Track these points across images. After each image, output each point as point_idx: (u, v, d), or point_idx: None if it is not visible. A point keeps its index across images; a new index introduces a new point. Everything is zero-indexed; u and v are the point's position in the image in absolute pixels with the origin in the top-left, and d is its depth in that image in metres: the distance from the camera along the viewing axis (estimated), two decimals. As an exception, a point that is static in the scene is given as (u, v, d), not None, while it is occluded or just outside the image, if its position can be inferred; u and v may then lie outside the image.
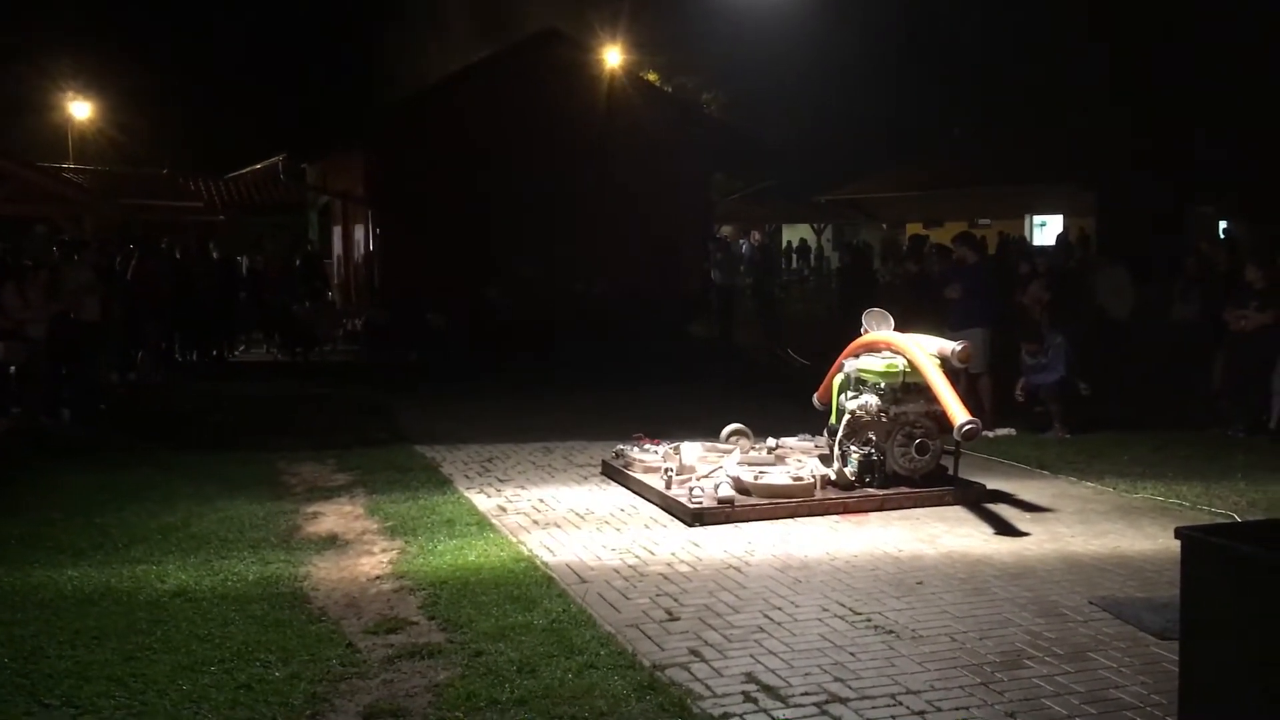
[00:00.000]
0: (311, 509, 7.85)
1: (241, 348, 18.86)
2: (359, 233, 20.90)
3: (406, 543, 6.88)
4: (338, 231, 23.02)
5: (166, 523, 7.35)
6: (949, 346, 8.06)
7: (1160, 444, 9.86)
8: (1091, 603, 5.69)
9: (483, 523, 7.38)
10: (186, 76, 33.82)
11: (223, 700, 4.50)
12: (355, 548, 6.84)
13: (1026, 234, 27.00)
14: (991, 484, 8.24)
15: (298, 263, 19.45)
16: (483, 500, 8.08)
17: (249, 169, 29.75)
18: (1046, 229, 28.45)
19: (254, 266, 19.53)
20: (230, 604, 5.70)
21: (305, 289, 18.91)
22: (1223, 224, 22.68)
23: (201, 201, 27.79)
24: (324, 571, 6.34)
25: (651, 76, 28.84)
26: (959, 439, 7.59)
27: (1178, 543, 3.36)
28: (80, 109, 33.91)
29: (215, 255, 18.65)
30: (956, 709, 4.39)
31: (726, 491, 7.57)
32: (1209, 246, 14.18)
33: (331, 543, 6.95)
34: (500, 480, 8.79)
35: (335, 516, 7.64)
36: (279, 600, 5.79)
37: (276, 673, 4.78)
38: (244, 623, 5.42)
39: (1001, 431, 10.45)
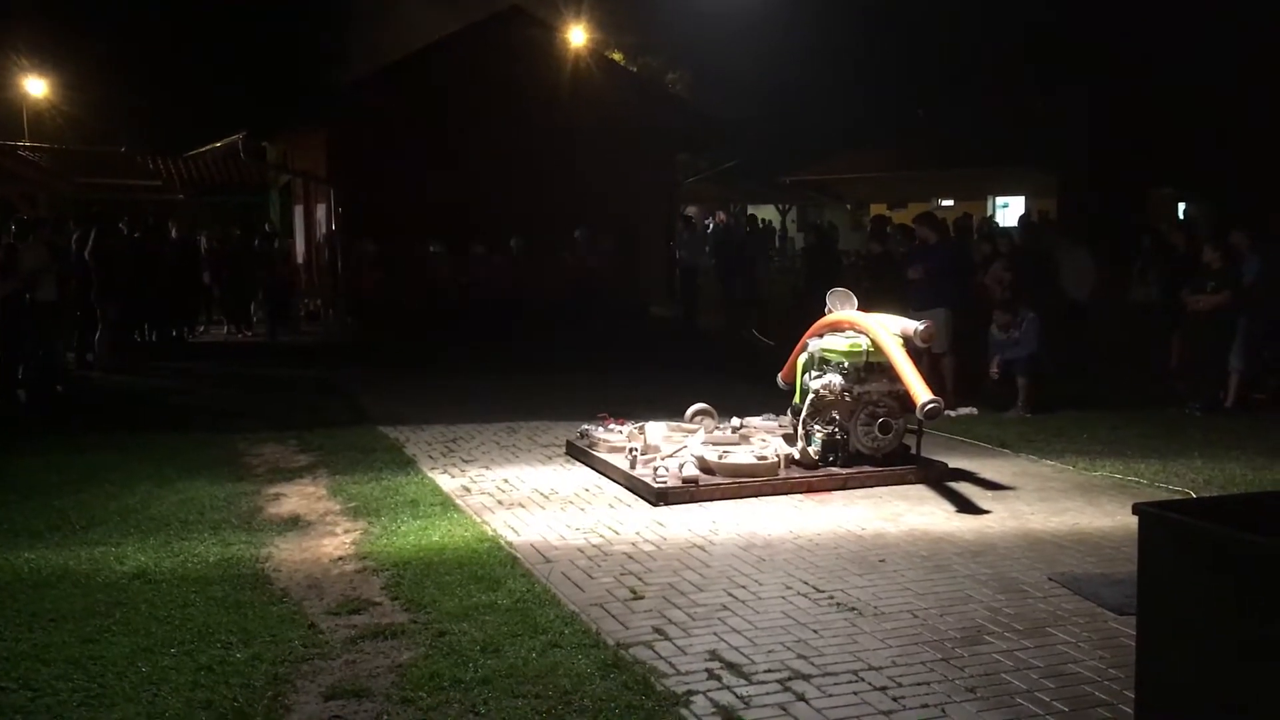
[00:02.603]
0: (273, 490, 7.78)
1: (202, 328, 18.66)
2: (321, 212, 20.70)
3: (370, 523, 6.84)
4: (299, 211, 22.78)
5: (125, 504, 7.27)
6: (912, 326, 8.10)
7: (1119, 423, 9.98)
8: (1051, 579, 5.75)
9: (447, 503, 7.35)
10: (144, 53, 33.25)
11: (183, 682, 4.46)
12: (318, 529, 6.80)
13: (989, 215, 27.21)
14: (954, 463, 8.32)
15: (256, 242, 19.23)
16: (447, 481, 8.04)
17: (208, 147, 29.32)
18: (1009, 210, 28.68)
19: (214, 246, 19.28)
20: (190, 586, 5.64)
21: (264, 269, 18.71)
22: (1181, 205, 22.94)
23: (160, 180, 27.39)
24: (286, 553, 6.29)
25: (616, 56, 28.70)
26: (921, 418, 7.64)
27: (1135, 519, 3.39)
28: (35, 86, 33.29)
29: (174, 234, 18.41)
30: (918, 684, 4.43)
31: (691, 471, 7.59)
32: (1168, 228, 14.35)
33: (294, 524, 6.90)
34: (464, 461, 8.75)
35: (297, 498, 7.58)
36: (240, 582, 5.74)
37: (237, 654, 4.75)
38: (204, 604, 5.37)
39: (963, 410, 10.52)
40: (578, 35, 20.68)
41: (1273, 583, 2.92)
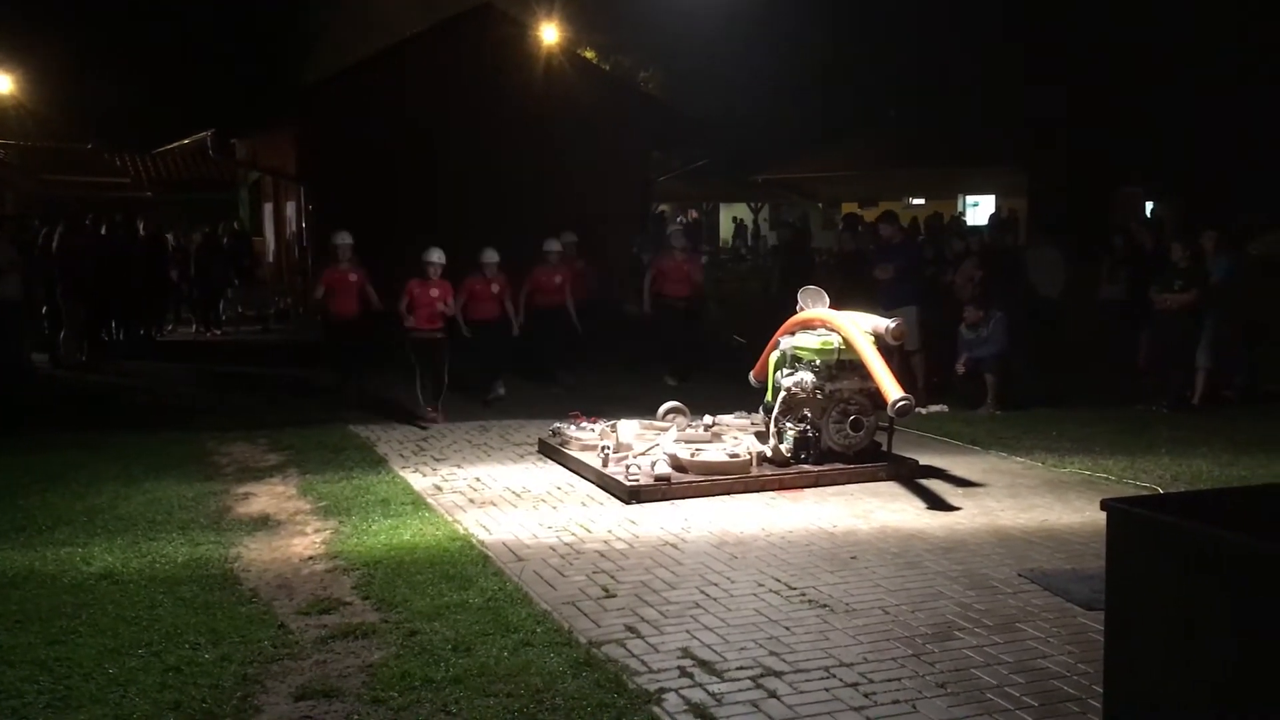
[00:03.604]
0: (242, 489, 7.72)
1: (170, 326, 18.48)
2: (290, 210, 20.56)
3: (340, 523, 6.80)
4: (269, 208, 22.62)
5: (92, 504, 7.20)
6: (883, 324, 8.13)
7: (1088, 420, 10.06)
8: (1020, 575, 5.79)
9: (418, 502, 7.32)
10: (111, 49, 32.90)
11: (150, 683, 4.42)
12: (287, 528, 6.75)
13: (960, 213, 27.36)
14: (924, 460, 8.36)
15: (225, 240, 19.08)
16: (418, 479, 8.01)
17: (177, 144, 29.07)
18: (979, 209, 28.84)
19: (182, 244, 19.11)
20: (158, 586, 5.59)
21: (234, 267, 18.58)
22: (1149, 204, 23.13)
23: (128, 178, 27.14)
24: (255, 553, 6.24)
25: (589, 54, 28.63)
26: (892, 415, 7.68)
27: (1104, 516, 3.41)
28: (0, 83, 32.88)
29: (142, 232, 18.23)
30: (889, 680, 4.45)
31: (663, 469, 7.59)
32: (1136, 227, 14.46)
33: (263, 523, 6.85)
34: (436, 459, 8.72)
35: (267, 497, 7.53)
36: (209, 582, 5.69)
37: (206, 655, 4.71)
38: (172, 605, 5.32)
39: (934, 408, 10.59)
40: (550, 33, 20.60)
41: (1238, 577, 2.95)
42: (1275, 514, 3.43)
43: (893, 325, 8.10)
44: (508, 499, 7.48)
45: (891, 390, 7.51)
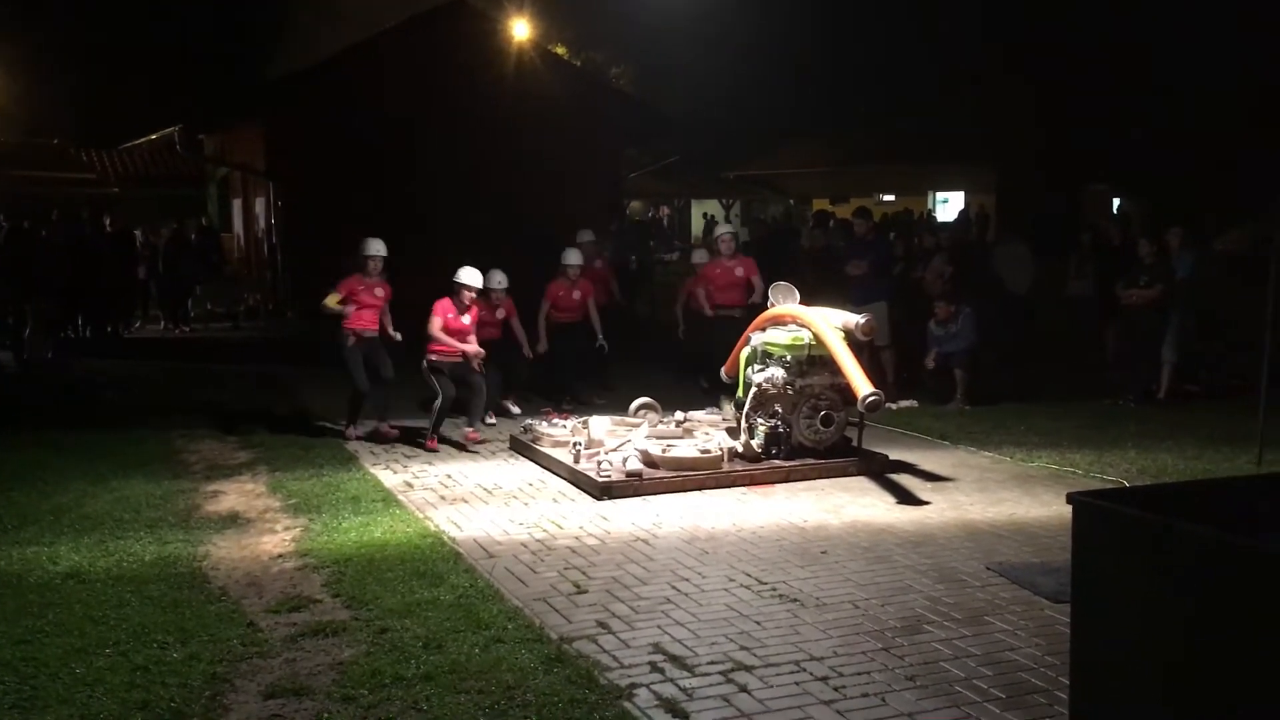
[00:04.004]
0: (211, 487, 7.67)
1: (138, 323, 18.32)
2: (259, 206, 20.41)
3: (310, 520, 6.77)
4: (237, 205, 22.45)
5: (58, 503, 7.13)
6: (853, 319, 8.17)
7: (1056, 414, 10.15)
8: (989, 568, 5.84)
9: (388, 499, 7.30)
10: (75, 44, 32.52)
11: (118, 683, 4.39)
12: (257, 526, 6.71)
13: (930, 209, 27.51)
14: (894, 455, 8.40)
15: (193, 237, 18.91)
16: (388, 476, 7.98)
17: (144, 139, 28.76)
18: (948, 205, 29.00)
19: (149, 240, 18.93)
20: (126, 585, 5.54)
21: (202, 264, 18.43)
22: (1117, 201, 23.35)
23: (94, 173, 26.85)
24: (224, 551, 6.20)
25: (560, 50, 28.59)
26: (863, 410, 7.72)
27: (1070, 509, 3.45)
28: (-37, 77, 32.45)
29: (109, 228, 18.05)
30: (859, 674, 4.48)
31: (634, 465, 7.60)
32: (1104, 224, 14.60)
33: (232, 521, 6.81)
34: (406, 456, 8.69)
35: (236, 495, 7.48)
36: (177, 580, 5.65)
37: (174, 654, 4.67)
38: (140, 604, 5.28)
39: (904, 403, 10.65)
40: (521, 29, 20.55)
41: (1202, 570, 2.99)
42: (1238, 507, 3.48)
43: (863, 321, 8.14)
44: (479, 496, 7.46)
45: (862, 385, 7.55)
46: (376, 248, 9.48)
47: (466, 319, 9.20)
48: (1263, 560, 2.86)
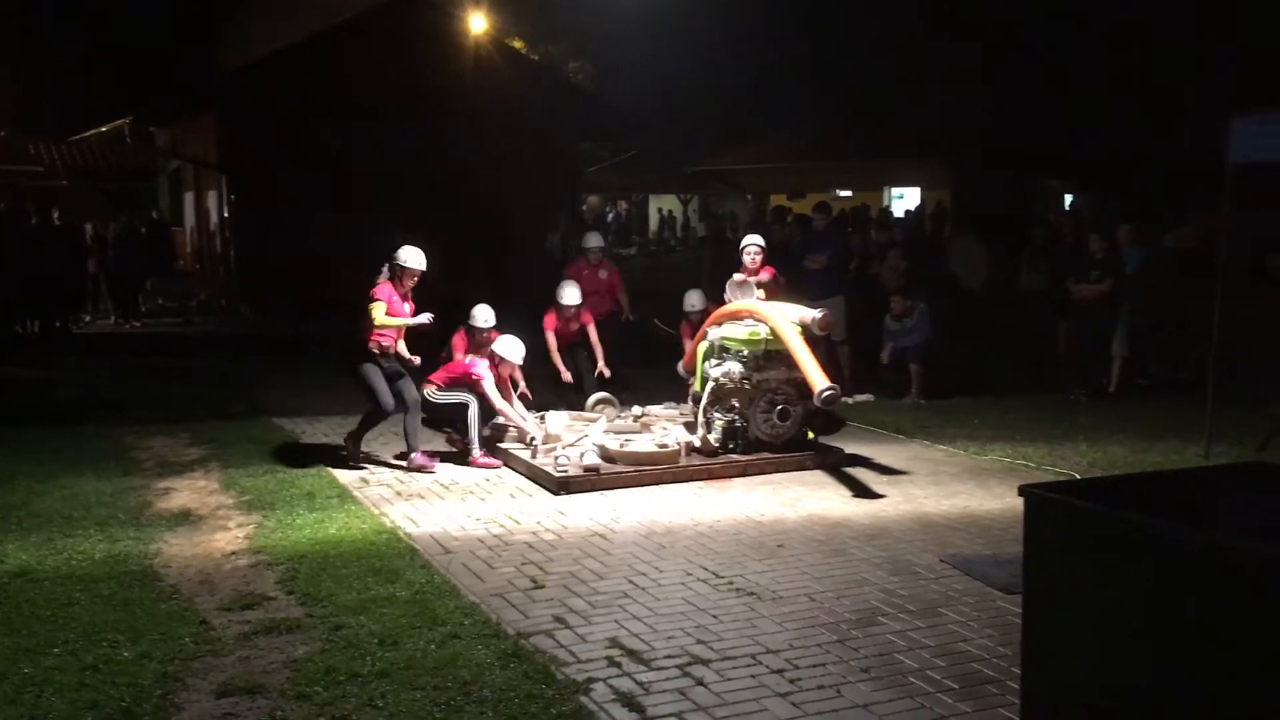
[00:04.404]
0: (163, 485, 7.58)
1: (87, 318, 18.05)
2: (212, 200, 20.18)
3: (264, 517, 6.70)
4: (189, 198, 22.18)
5: (6, 501, 7.00)
6: (810, 315, 8.20)
7: (1009, 408, 10.26)
8: (943, 561, 5.89)
9: (344, 495, 7.24)
10: (22, 34, 31.94)
11: (68, 682, 4.32)
12: (210, 523, 6.63)
13: (886, 205, 27.71)
14: (850, 449, 8.46)
15: (143, 231, 18.66)
16: (344, 473, 7.92)
17: (93, 132, 28.32)
18: (904, 201, 29.24)
19: (99, 233, 18.66)
20: (75, 584, 5.46)
21: (153, 258, 18.20)
22: (1069, 197, 23.65)
23: (42, 166, 26.39)
24: (176, 548, 6.13)
25: (518, 44, 28.47)
26: (819, 405, 7.75)
27: (1022, 501, 3.48)
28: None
29: (58, 222, 17.77)
30: (814, 666, 4.51)
31: (592, 460, 7.59)
32: (1055, 219, 14.78)
33: (184, 519, 6.73)
34: (363, 452, 8.61)
35: (188, 492, 7.39)
36: (128, 579, 5.58)
37: (125, 653, 4.61)
38: (90, 603, 5.20)
39: (860, 397, 10.72)
40: (478, 22, 20.46)
41: (1150, 561, 3.03)
42: (1186, 499, 3.53)
43: (819, 316, 8.18)
44: (435, 491, 7.43)
45: (818, 380, 7.58)
46: (419, 260, 8.18)
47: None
48: (1209, 551, 2.91)
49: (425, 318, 8.07)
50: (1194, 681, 2.88)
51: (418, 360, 8.36)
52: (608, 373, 9.84)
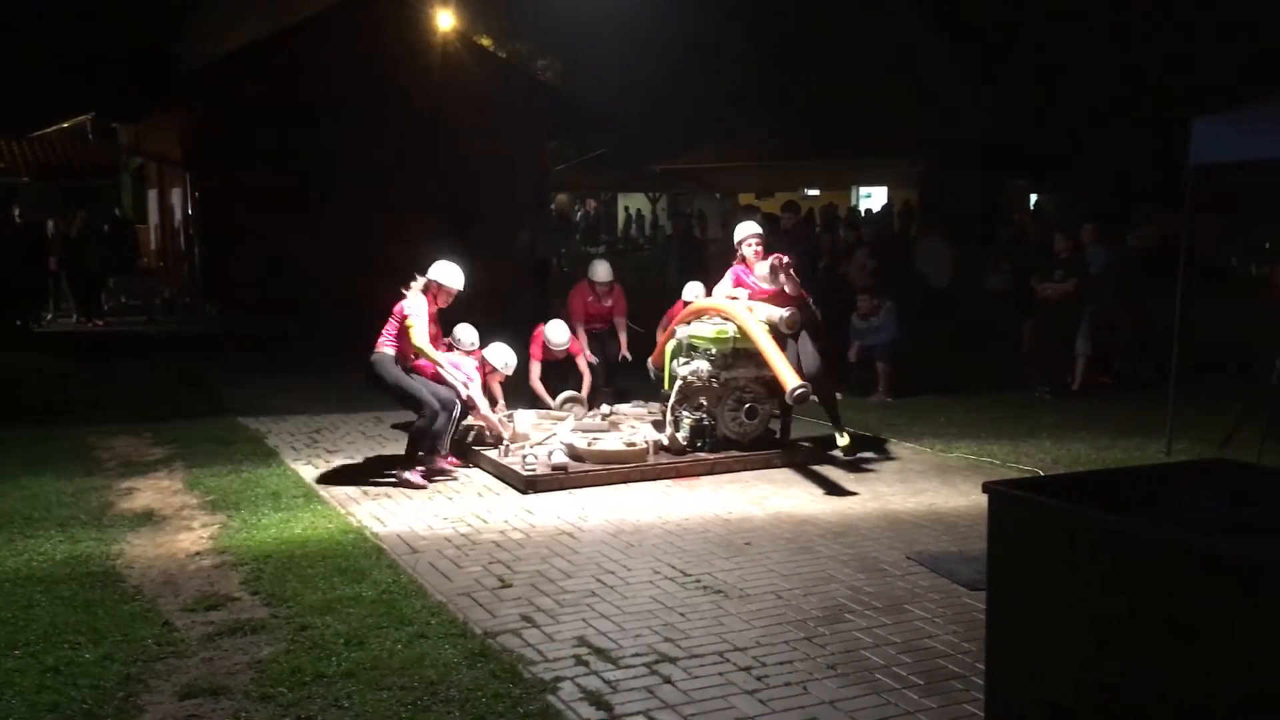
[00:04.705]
0: (126, 485, 7.49)
1: (49, 316, 17.83)
2: (176, 197, 19.99)
3: (229, 517, 6.65)
4: (153, 195, 21.96)
5: (-36, 502, 6.91)
6: (777, 313, 8.22)
7: (974, 406, 10.33)
8: (909, 558, 5.93)
9: (310, 495, 7.19)
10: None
11: (28, 685, 4.27)
12: (173, 523, 6.57)
13: (854, 204, 27.85)
14: (818, 447, 8.48)
15: (106, 228, 18.44)
16: (310, 472, 7.87)
17: (55, 128, 27.97)
18: (872, 200, 29.38)
19: (61, 231, 18.43)
20: (36, 585, 5.39)
21: (116, 256, 18.00)
22: (1034, 197, 23.85)
23: (2, 163, 26.04)
24: (139, 549, 6.06)
25: (485, 41, 28.38)
26: (789, 403, 7.77)
27: (987, 498, 3.51)
28: None
29: (19, 219, 17.53)
30: (781, 663, 4.52)
31: (560, 458, 7.58)
32: (1020, 218, 14.91)
33: (147, 519, 6.66)
34: (329, 451, 8.58)
35: (152, 492, 7.32)
36: (89, 580, 5.51)
37: (87, 654, 4.56)
38: (51, 604, 5.14)
39: (827, 396, 10.75)
40: (446, 19, 20.38)
41: (1111, 556, 3.06)
42: (1147, 495, 3.57)
43: (787, 314, 8.20)
44: (403, 491, 7.39)
45: (789, 379, 7.59)
46: (457, 279, 7.74)
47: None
48: (1170, 547, 2.94)
49: (465, 384, 7.65)
50: (1156, 675, 2.92)
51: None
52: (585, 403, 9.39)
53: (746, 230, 8.72)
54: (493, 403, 8.50)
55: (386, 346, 7.50)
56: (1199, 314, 8.79)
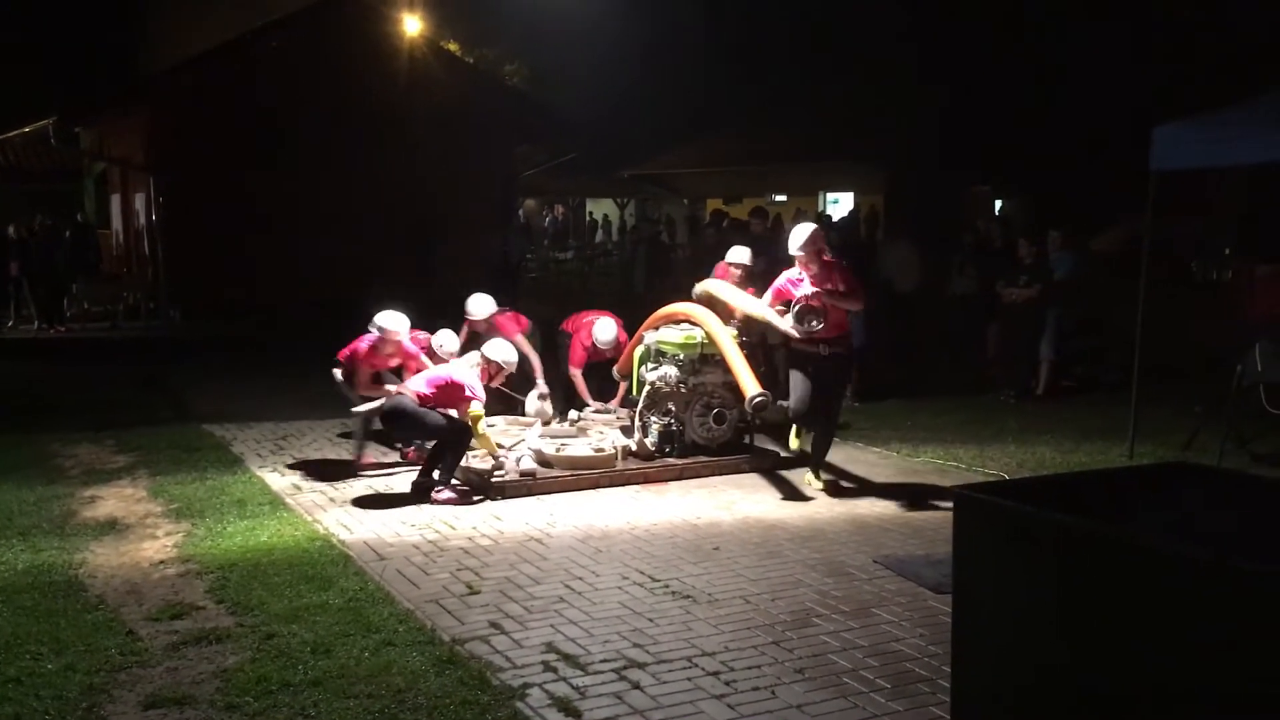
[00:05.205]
0: (89, 493, 7.41)
1: (10, 323, 17.60)
2: (139, 202, 19.79)
3: (193, 525, 6.59)
4: (116, 200, 21.74)
5: (-77, 511, 6.81)
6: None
7: (940, 410, 10.41)
8: (876, 561, 5.96)
9: (276, 502, 7.14)
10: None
11: (-12, 697, 4.22)
12: (137, 532, 6.50)
13: (821, 210, 27.95)
14: (785, 451, 8.51)
15: (68, 233, 18.24)
16: (276, 479, 7.81)
17: (16, 133, 27.57)
18: (838, 206, 29.51)
19: (22, 236, 18.20)
20: (-4, 595, 5.33)
21: (78, 261, 17.80)
22: (999, 203, 24.05)
23: (-39, 166, 25.70)
24: (102, 558, 6.00)
25: (452, 46, 28.28)
26: (749, 410, 7.78)
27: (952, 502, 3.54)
28: None
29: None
30: (749, 668, 4.53)
31: (528, 464, 7.57)
32: (985, 224, 15.02)
33: (111, 527, 6.59)
34: (295, 458, 8.51)
35: (115, 500, 7.24)
36: (52, 589, 5.45)
37: (49, 665, 4.51)
38: (12, 614, 5.07)
39: (795, 400, 10.78)
40: (413, 24, 20.31)
41: (1075, 559, 3.09)
42: (1110, 498, 3.61)
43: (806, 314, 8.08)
44: (370, 498, 7.35)
45: (749, 386, 7.60)
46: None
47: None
48: (1132, 550, 2.98)
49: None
50: (1120, 677, 2.95)
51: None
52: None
53: (735, 257, 9.08)
54: (514, 407, 8.63)
55: (409, 397, 7.25)
56: (1161, 318, 8.89)
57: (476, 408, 7.18)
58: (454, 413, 7.32)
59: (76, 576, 5.67)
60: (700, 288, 8.69)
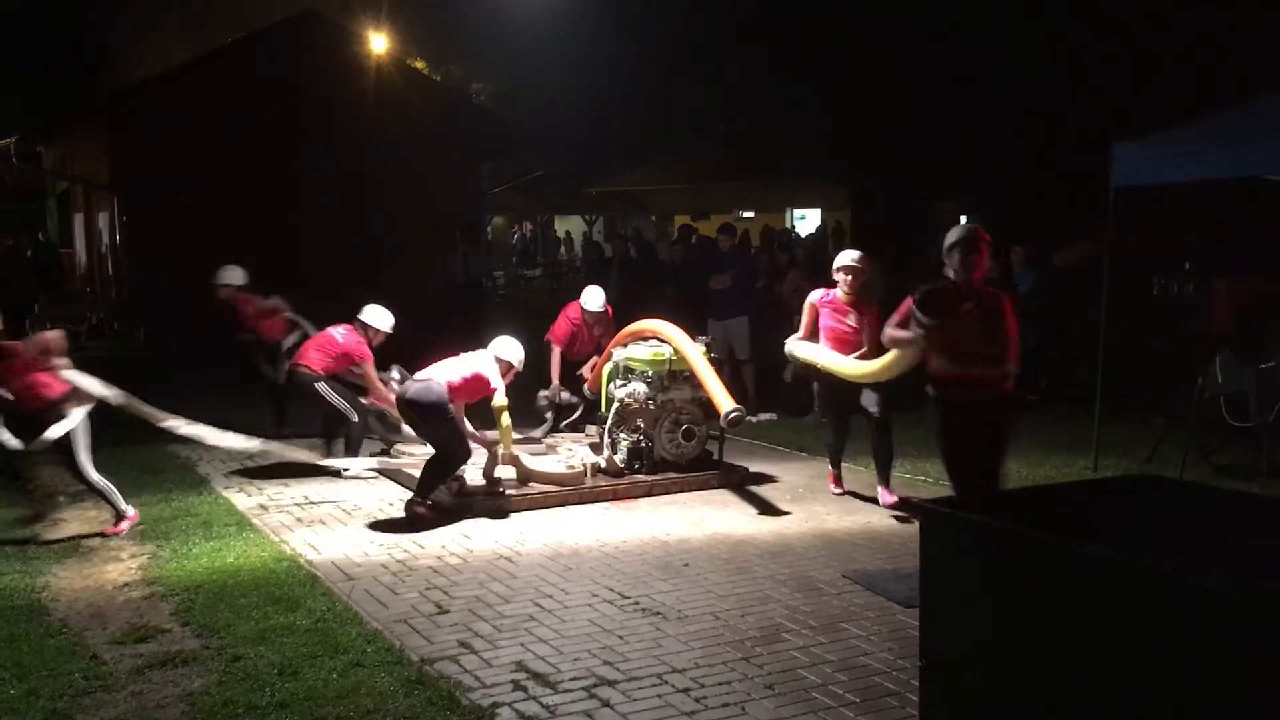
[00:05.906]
0: (51, 515, 7.31)
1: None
2: (103, 221, 19.63)
3: (158, 547, 6.53)
4: (79, 219, 21.55)
5: (-120, 536, 6.70)
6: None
7: (906, 424, 10.37)
8: (844, 576, 5.99)
9: (242, 523, 7.09)
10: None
11: (-53, 725, 4.15)
12: (100, 554, 6.44)
13: (789, 226, 28.12)
14: (754, 467, 8.55)
15: (29, 253, 18.06)
16: (242, 499, 7.75)
17: (-24, 151, 27.31)
18: (805, 222, 29.71)
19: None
20: (-44, 620, 5.25)
21: (40, 281, 17.63)
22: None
23: (-80, 185, 25.43)
24: (65, 581, 5.93)
25: (419, 64, 28.28)
26: (725, 425, 7.81)
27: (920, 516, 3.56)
28: None
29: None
30: (719, 684, 4.54)
31: (504, 472, 7.54)
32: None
33: (74, 550, 6.52)
34: (262, 478, 8.45)
35: (78, 522, 7.16)
36: (13, 614, 5.38)
37: (11, 690, 4.45)
38: (-28, 640, 5.01)
39: (764, 416, 10.83)
40: (379, 42, 20.30)
41: (1041, 572, 3.12)
42: (1075, 511, 3.64)
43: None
44: (338, 517, 7.31)
45: (724, 401, 7.64)
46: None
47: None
48: (1096, 563, 3.01)
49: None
50: (1086, 689, 2.97)
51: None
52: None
53: (845, 257, 8.46)
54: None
55: (440, 384, 7.22)
56: (1123, 332, 8.99)
57: (500, 399, 7.29)
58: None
59: (39, 600, 5.60)
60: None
